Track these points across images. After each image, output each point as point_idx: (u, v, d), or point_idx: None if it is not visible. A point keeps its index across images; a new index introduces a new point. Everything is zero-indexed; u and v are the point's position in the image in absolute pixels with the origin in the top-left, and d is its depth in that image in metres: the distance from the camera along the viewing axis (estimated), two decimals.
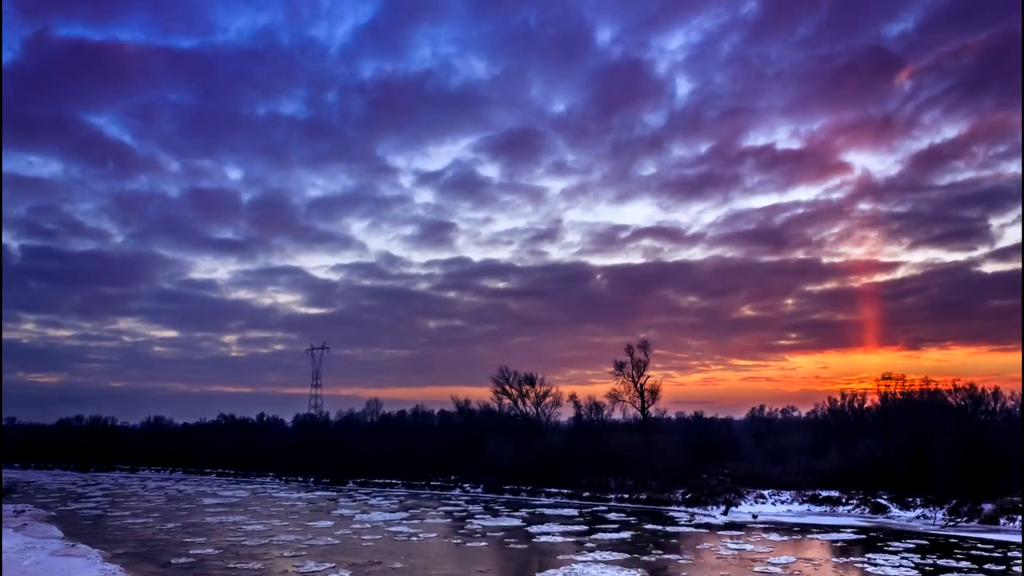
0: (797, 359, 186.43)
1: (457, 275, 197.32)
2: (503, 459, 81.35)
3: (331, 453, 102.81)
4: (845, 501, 60.61)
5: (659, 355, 79.92)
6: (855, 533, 46.72)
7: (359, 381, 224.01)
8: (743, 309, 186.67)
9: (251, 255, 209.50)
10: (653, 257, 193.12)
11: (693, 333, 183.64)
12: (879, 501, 58.81)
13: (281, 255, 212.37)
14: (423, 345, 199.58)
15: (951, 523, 51.14)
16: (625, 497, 69.06)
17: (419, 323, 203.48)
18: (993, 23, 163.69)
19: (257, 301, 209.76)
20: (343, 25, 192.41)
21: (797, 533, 47.01)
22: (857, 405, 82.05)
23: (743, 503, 62.28)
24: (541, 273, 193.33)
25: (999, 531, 47.09)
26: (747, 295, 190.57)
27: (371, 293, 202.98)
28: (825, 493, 62.65)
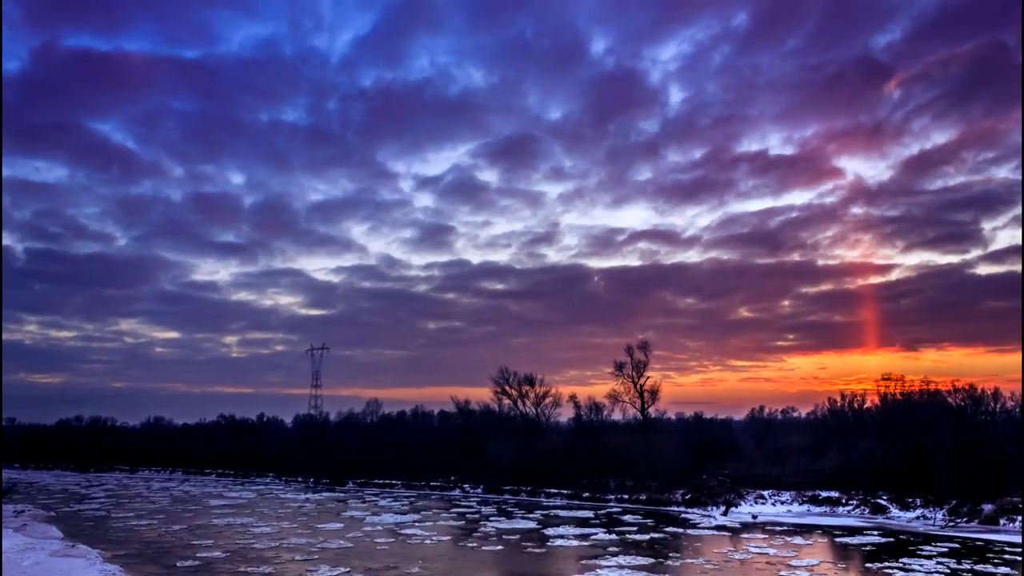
0: (795, 360, 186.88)
1: (456, 277, 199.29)
2: (503, 459, 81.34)
3: (331, 454, 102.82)
4: (845, 501, 60.63)
5: (657, 356, 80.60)
6: (881, 536, 44.94)
7: (359, 381, 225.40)
8: (740, 311, 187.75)
9: (253, 258, 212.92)
10: (650, 259, 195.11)
11: (691, 334, 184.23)
12: (879, 502, 58.83)
13: (282, 258, 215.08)
14: (423, 346, 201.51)
15: (951, 524, 51.13)
16: (625, 498, 69.06)
17: (419, 324, 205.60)
18: (979, 34, 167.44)
19: (258, 303, 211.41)
20: (344, 36, 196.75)
21: (819, 535, 45.68)
22: (857, 406, 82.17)
23: (743, 503, 62.28)
24: (539, 275, 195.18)
25: (999, 531, 47.07)
26: (744, 297, 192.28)
27: (371, 295, 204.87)
28: (825, 494, 62.67)
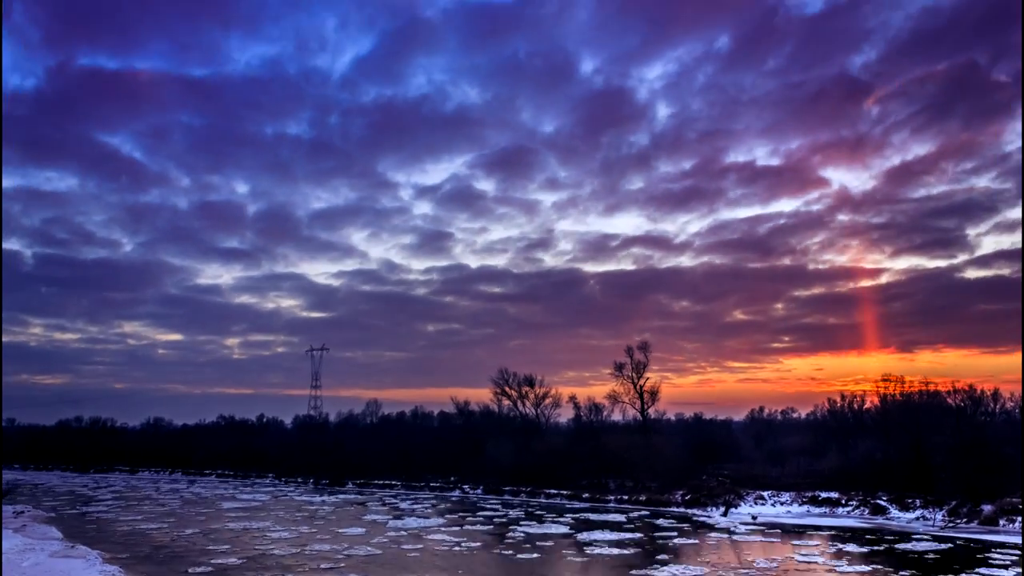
0: (792, 361, 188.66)
1: (455, 281, 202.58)
2: (502, 460, 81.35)
3: (331, 454, 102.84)
4: (845, 502, 60.62)
5: (655, 358, 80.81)
6: (933, 543, 41.79)
7: (359, 383, 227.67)
8: (735, 313, 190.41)
9: (256, 263, 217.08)
10: (644, 264, 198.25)
11: (687, 336, 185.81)
12: (879, 502, 58.83)
13: (285, 263, 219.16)
14: (422, 348, 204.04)
15: (950, 524, 51.16)
16: (625, 498, 69.03)
17: (418, 327, 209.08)
18: (951, 55, 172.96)
19: (260, 305, 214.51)
20: (345, 56, 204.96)
21: (876, 543, 42.74)
22: (856, 406, 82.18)
23: (743, 504, 62.27)
24: (536, 279, 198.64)
25: (999, 532, 47.10)
26: (737, 300, 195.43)
27: (371, 298, 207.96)
28: (825, 494, 62.64)
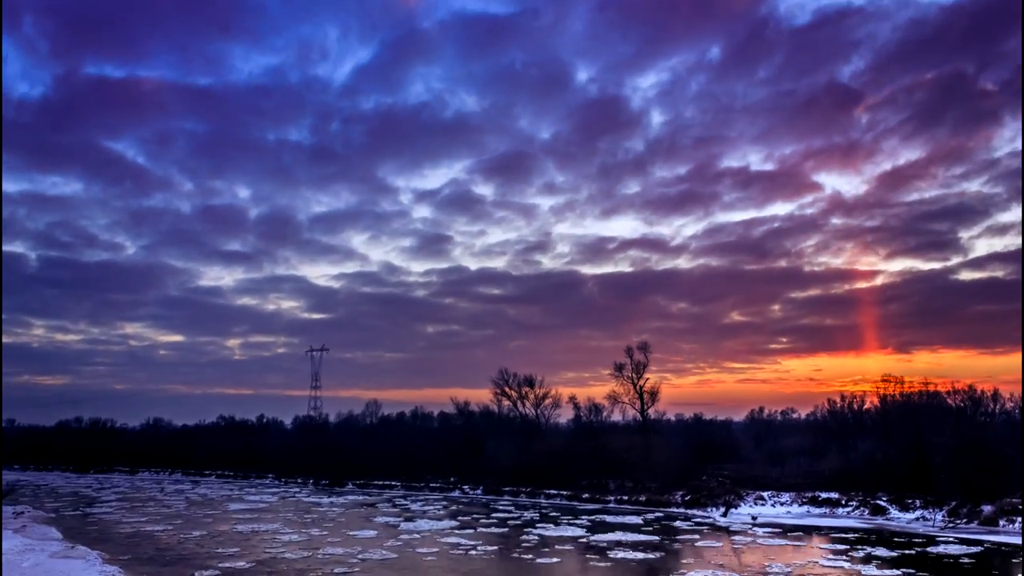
0: (790, 362, 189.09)
1: (454, 283, 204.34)
2: (502, 460, 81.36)
3: (330, 455, 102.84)
4: (845, 503, 60.60)
5: (654, 358, 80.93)
6: (945, 546, 40.90)
7: (359, 383, 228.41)
8: (732, 315, 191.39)
9: (258, 265, 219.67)
10: (641, 266, 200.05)
11: (685, 337, 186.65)
12: (879, 503, 58.81)
13: (286, 266, 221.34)
14: (422, 349, 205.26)
15: (950, 525, 51.17)
16: (625, 499, 69.04)
17: (418, 328, 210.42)
18: (938, 65, 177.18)
19: (261, 307, 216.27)
20: (345, 65, 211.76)
21: (876, 543, 42.50)
22: (856, 407, 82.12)
23: (742, 504, 62.27)
24: (535, 281, 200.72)
25: (998, 533, 47.12)
26: (735, 301, 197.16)
27: (371, 299, 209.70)
28: (825, 495, 62.61)
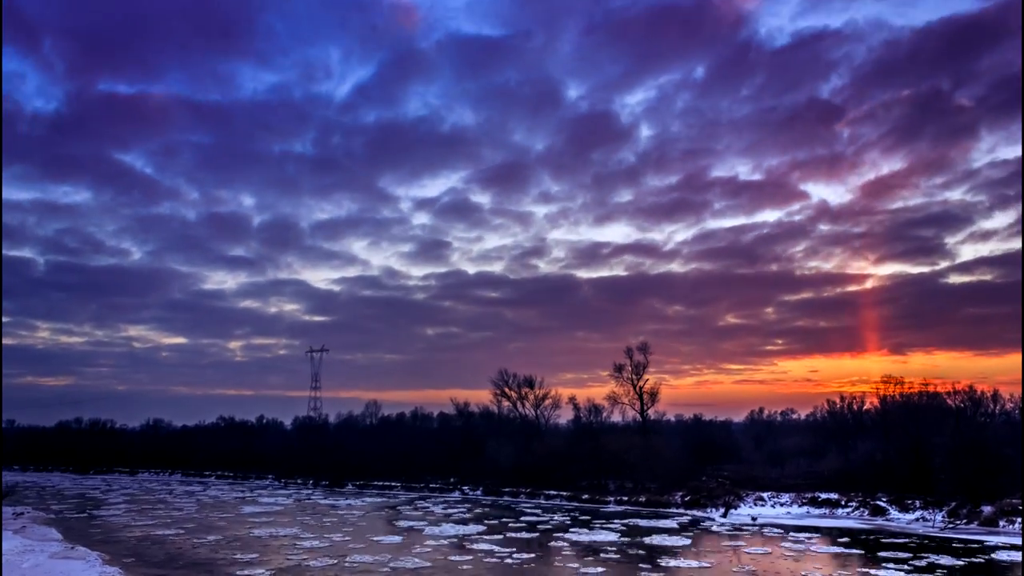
0: (786, 363, 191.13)
1: (453, 286, 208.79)
2: (502, 461, 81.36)
3: (330, 455, 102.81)
4: (844, 503, 60.58)
5: (652, 359, 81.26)
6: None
7: (359, 384, 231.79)
8: (727, 317, 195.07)
9: (260, 270, 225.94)
10: (636, 270, 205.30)
11: (682, 339, 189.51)
12: (878, 503, 58.81)
13: (288, 270, 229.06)
14: (421, 350, 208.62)
15: (950, 525, 51.18)
16: (624, 499, 69.02)
17: (417, 330, 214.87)
18: (915, 83, 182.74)
19: (263, 310, 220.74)
20: (347, 83, 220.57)
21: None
22: (856, 407, 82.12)
23: (742, 505, 62.27)
24: (532, 284, 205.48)
25: (998, 533, 47.11)
26: (729, 304, 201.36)
27: (371, 302, 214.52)
28: (824, 495, 62.60)
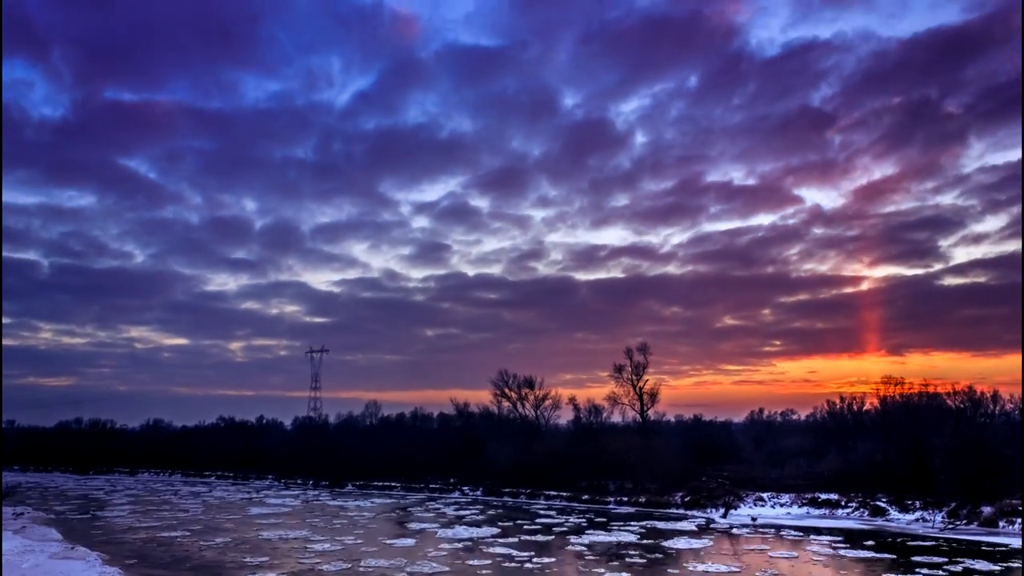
0: (785, 364, 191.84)
1: (453, 288, 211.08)
2: (502, 462, 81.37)
3: (330, 455, 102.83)
4: (844, 504, 60.58)
5: (651, 360, 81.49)
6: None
7: (359, 384, 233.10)
8: (724, 319, 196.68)
9: (262, 273, 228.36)
10: (633, 272, 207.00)
11: (680, 340, 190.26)
12: (878, 504, 58.81)
13: (289, 273, 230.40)
14: (421, 351, 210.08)
15: (950, 526, 51.17)
16: (624, 500, 69.03)
17: (417, 331, 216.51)
18: (904, 91, 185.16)
19: (264, 311, 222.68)
20: (347, 91, 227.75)
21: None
22: (856, 408, 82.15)
23: (742, 505, 62.28)
24: (530, 286, 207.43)
25: (998, 534, 47.11)
26: (726, 306, 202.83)
27: (371, 304, 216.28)
28: (824, 496, 62.61)
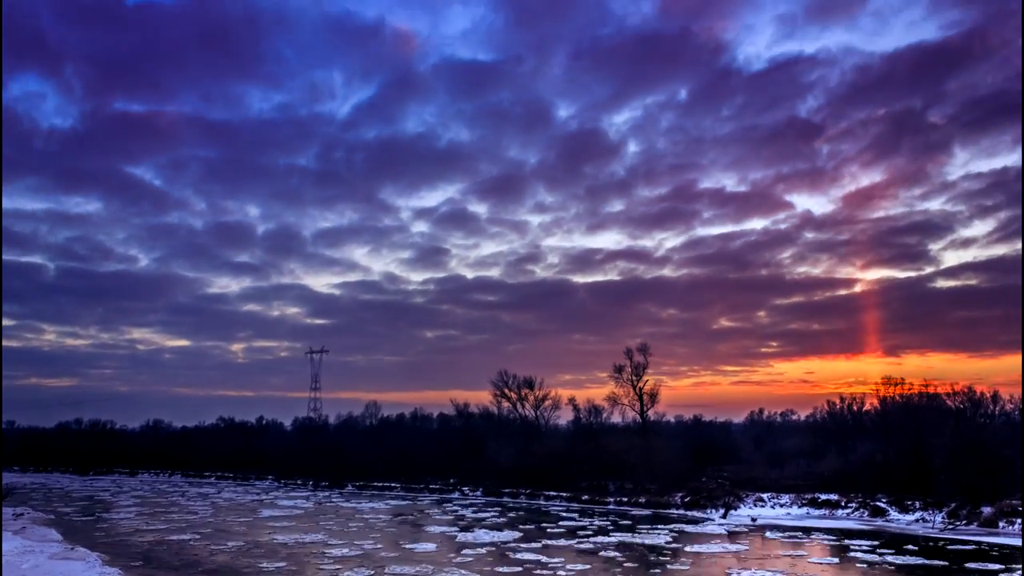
0: (782, 365, 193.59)
1: (452, 290, 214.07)
2: (502, 462, 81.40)
3: (330, 456, 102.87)
4: (844, 504, 60.58)
5: (650, 360, 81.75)
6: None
7: (359, 385, 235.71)
8: (721, 320, 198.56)
9: (264, 276, 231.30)
10: (629, 275, 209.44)
11: (678, 342, 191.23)
12: (878, 504, 58.81)
13: (291, 276, 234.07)
14: (420, 352, 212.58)
15: (950, 526, 51.19)
16: (624, 500, 69.02)
17: (417, 333, 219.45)
18: (889, 103, 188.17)
19: (265, 313, 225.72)
20: (348, 103, 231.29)
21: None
22: (856, 408, 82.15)
23: (742, 506, 62.27)
24: (528, 289, 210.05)
25: (998, 534, 47.12)
26: (722, 308, 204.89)
27: (371, 306, 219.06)
28: (824, 496, 62.61)
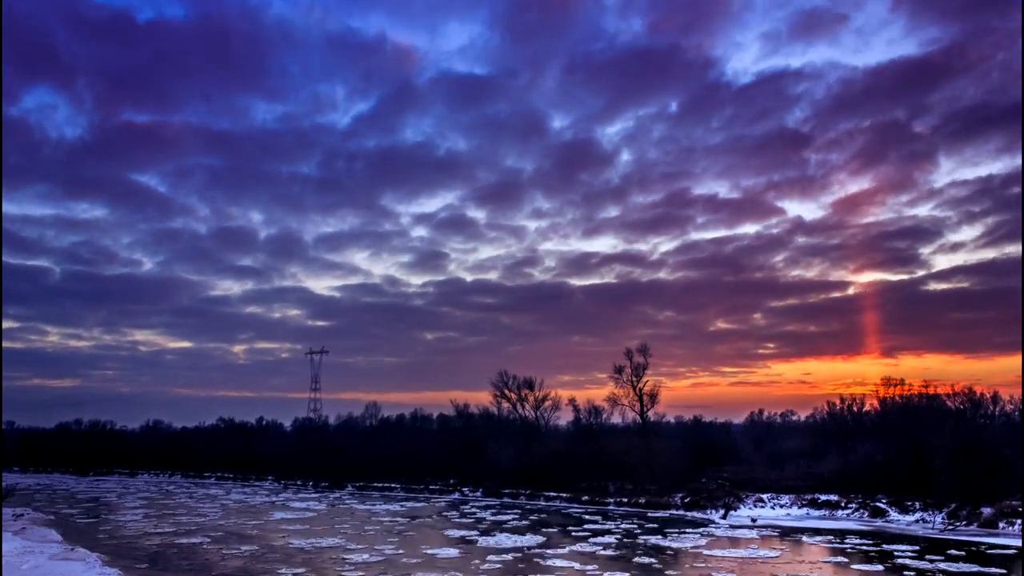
0: (780, 366, 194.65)
1: (451, 293, 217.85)
2: (502, 463, 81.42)
3: (330, 456, 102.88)
4: (844, 505, 60.57)
5: (649, 361, 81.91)
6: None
7: (359, 386, 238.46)
8: (717, 322, 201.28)
9: (266, 279, 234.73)
10: (626, 278, 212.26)
11: (676, 343, 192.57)
12: (878, 505, 58.81)
13: (292, 279, 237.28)
14: (420, 353, 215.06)
15: (950, 527, 51.19)
16: (624, 501, 69.04)
17: (416, 334, 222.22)
18: (874, 115, 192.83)
19: (267, 315, 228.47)
20: (349, 114, 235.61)
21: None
22: (856, 409, 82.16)
23: (742, 507, 62.27)
24: (526, 291, 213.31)
25: (998, 535, 47.12)
26: (718, 310, 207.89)
27: (371, 308, 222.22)
28: (824, 497, 62.62)
